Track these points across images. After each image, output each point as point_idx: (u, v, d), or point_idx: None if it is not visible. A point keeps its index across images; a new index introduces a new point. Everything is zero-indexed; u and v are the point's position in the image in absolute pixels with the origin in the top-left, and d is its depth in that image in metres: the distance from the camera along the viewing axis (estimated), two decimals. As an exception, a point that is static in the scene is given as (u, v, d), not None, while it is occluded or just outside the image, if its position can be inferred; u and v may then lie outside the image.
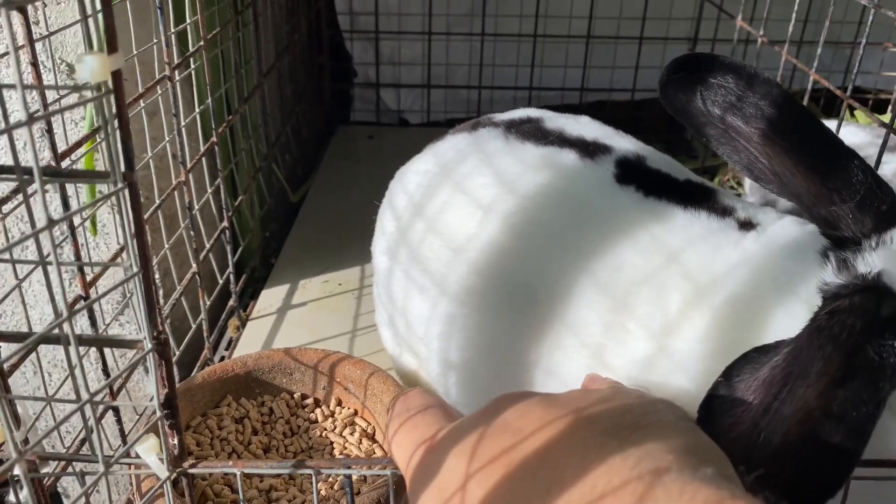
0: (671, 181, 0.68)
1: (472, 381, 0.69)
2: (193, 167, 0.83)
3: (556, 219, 0.66)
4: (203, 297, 0.90)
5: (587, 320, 0.61)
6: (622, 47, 1.77)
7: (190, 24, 0.87)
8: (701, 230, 0.61)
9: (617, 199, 0.65)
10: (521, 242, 0.66)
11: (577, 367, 0.61)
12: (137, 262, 0.42)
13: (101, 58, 0.36)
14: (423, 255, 0.72)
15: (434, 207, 0.73)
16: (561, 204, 0.67)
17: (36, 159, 0.34)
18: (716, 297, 0.56)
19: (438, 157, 0.78)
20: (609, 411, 0.38)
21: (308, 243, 1.25)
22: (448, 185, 0.73)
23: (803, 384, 0.42)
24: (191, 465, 0.50)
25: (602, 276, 0.61)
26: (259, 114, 1.23)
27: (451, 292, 0.68)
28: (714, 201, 0.64)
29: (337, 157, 1.61)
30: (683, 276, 0.58)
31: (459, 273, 0.68)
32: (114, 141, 0.39)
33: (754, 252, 0.58)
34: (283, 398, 0.76)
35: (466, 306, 0.67)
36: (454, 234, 0.69)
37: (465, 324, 0.68)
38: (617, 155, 0.69)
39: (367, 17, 1.76)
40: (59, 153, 0.55)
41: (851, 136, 1.12)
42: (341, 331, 1.02)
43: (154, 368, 0.46)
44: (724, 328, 0.55)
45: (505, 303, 0.66)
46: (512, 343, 0.66)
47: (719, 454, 0.38)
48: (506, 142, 0.74)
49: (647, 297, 0.59)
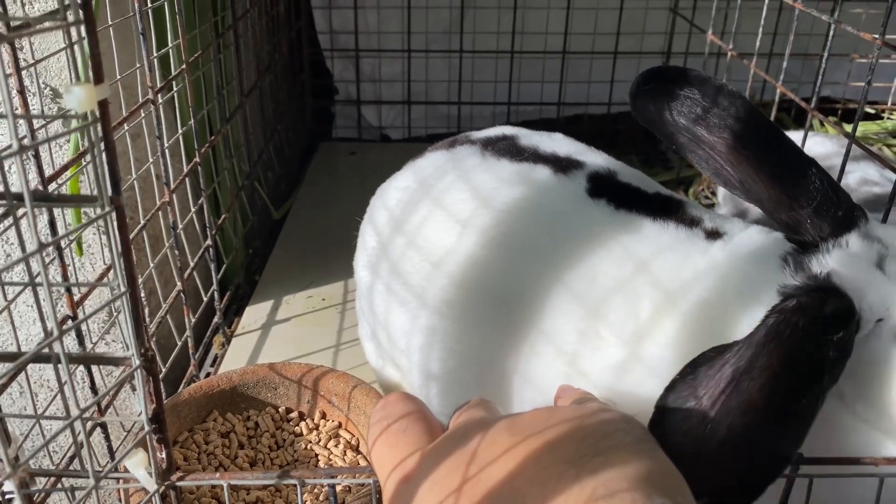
0: (641, 194, 0.70)
1: (452, 390, 0.71)
2: (177, 188, 0.85)
3: (531, 232, 0.68)
4: (188, 314, 0.91)
5: (562, 329, 0.63)
6: (597, 62, 1.80)
7: (172, 48, 0.89)
8: (669, 240, 0.64)
9: (589, 212, 0.68)
10: (498, 255, 0.68)
11: (554, 375, 0.63)
12: (125, 281, 0.43)
13: (88, 88, 0.38)
14: (403, 269, 0.73)
15: (414, 222, 0.75)
16: (536, 217, 0.69)
17: (26, 185, 0.36)
18: (685, 303, 0.59)
19: (417, 173, 0.80)
20: (571, 436, 0.40)
21: (291, 259, 1.27)
22: (427, 200, 0.75)
23: (748, 378, 0.45)
24: (179, 478, 0.51)
25: (576, 285, 0.64)
26: (241, 133, 1.25)
27: (431, 304, 0.70)
28: (682, 213, 0.66)
29: (319, 173, 1.62)
30: (653, 283, 0.61)
31: (439, 286, 0.70)
32: (100, 165, 0.41)
33: (720, 260, 0.61)
34: (268, 412, 0.78)
35: (446, 318, 0.69)
36: (433, 248, 0.71)
37: (445, 335, 0.70)
38: (589, 170, 0.72)
39: (348, 36, 1.79)
40: (45, 177, 0.57)
41: (819, 146, 1.16)
42: (325, 345, 1.04)
43: (142, 384, 0.47)
44: (693, 333, 0.57)
45: (483, 313, 0.68)
46: (491, 352, 0.68)
47: (676, 479, 0.40)
48: (482, 158, 0.76)
49: (620, 304, 0.61)
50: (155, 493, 0.50)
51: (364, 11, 1.77)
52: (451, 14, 1.78)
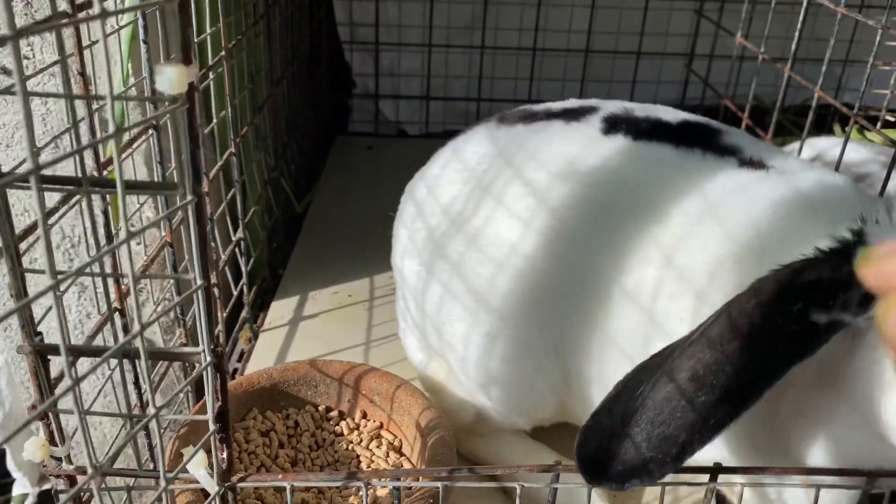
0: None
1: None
2: (215, 177, 0.83)
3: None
4: (220, 308, 0.89)
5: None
6: (620, 61, 1.79)
7: (209, 35, 0.87)
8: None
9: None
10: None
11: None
12: (201, 273, 0.41)
13: (181, 69, 0.36)
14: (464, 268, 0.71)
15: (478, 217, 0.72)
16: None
17: (120, 173, 0.34)
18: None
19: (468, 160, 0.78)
20: None
21: (314, 254, 1.25)
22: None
23: (693, 344, 0.44)
24: (240, 479, 0.50)
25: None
26: (269, 124, 1.22)
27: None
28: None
29: (337, 167, 1.60)
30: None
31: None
32: (185, 152, 0.39)
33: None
34: (307, 410, 0.76)
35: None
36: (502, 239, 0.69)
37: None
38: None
39: (367, 29, 1.76)
40: (100, 163, 0.55)
41: (854, 152, 1.14)
42: (355, 342, 1.02)
43: (210, 381, 0.45)
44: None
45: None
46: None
47: None
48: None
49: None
50: (217, 494, 0.48)
51: (385, 4, 1.75)
52: (474, 9, 1.76)
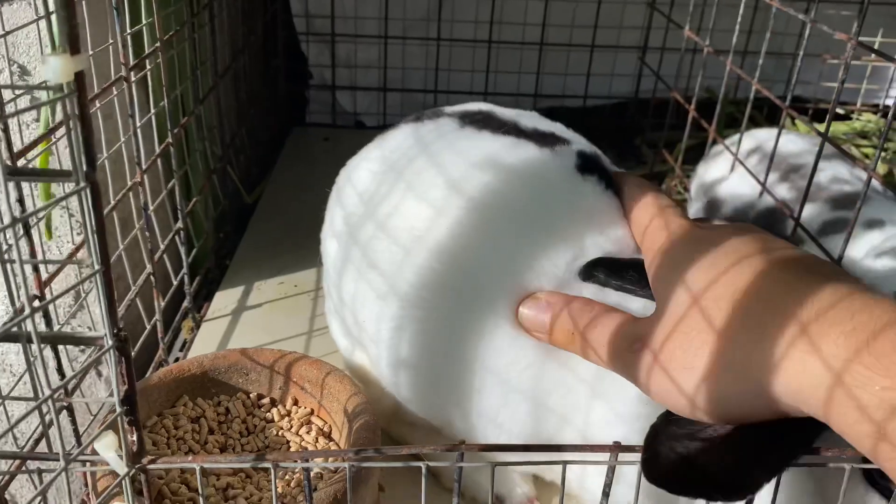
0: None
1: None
2: (149, 168, 0.83)
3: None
4: (158, 298, 0.90)
5: None
6: (574, 54, 1.81)
7: (146, 25, 0.87)
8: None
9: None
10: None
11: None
12: (98, 259, 0.42)
13: (66, 58, 0.37)
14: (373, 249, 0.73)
15: (388, 203, 0.74)
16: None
17: (1, 158, 0.34)
18: None
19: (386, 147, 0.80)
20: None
21: (263, 245, 1.25)
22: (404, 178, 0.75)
23: None
24: (149, 461, 0.50)
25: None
26: (215, 115, 1.23)
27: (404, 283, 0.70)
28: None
29: (292, 158, 1.60)
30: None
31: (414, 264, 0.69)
32: (76, 140, 0.40)
33: None
34: (239, 398, 0.77)
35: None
36: (411, 223, 0.71)
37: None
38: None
39: (324, 20, 1.76)
40: (14, 152, 0.55)
41: (791, 143, 1.17)
42: (297, 332, 1.03)
43: (114, 365, 0.46)
44: None
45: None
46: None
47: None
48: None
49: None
50: (125, 476, 0.49)
51: (341, -5, 1.75)
52: (430, 1, 1.77)
